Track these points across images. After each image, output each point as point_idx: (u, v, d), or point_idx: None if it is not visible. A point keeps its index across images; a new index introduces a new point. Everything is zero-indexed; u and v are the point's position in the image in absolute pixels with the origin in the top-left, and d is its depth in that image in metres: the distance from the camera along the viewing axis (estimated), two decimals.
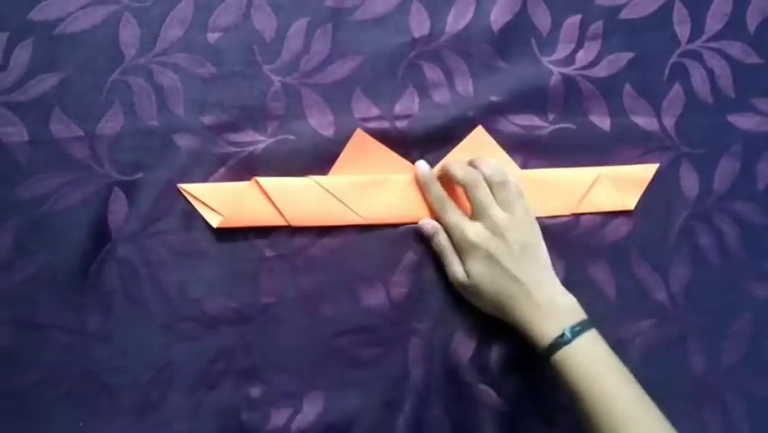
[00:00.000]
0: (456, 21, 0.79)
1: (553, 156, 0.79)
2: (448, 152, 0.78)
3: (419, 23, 0.79)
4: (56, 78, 0.73)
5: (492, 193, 0.71)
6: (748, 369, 0.78)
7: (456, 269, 0.72)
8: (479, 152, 0.76)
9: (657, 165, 0.79)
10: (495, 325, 0.73)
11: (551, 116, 0.79)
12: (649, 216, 0.79)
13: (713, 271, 0.80)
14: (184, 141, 0.74)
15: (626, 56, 0.81)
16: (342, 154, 0.76)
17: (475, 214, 0.71)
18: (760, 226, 0.81)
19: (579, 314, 0.67)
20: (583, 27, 0.81)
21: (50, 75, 0.73)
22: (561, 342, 0.64)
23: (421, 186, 0.76)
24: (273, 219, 0.74)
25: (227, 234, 0.74)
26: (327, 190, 0.74)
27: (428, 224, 0.75)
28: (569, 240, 0.78)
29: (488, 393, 0.74)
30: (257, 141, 0.75)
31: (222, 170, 0.75)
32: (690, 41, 0.82)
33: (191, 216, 0.74)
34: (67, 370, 0.72)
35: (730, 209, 0.80)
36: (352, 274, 0.75)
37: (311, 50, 0.77)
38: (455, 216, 0.72)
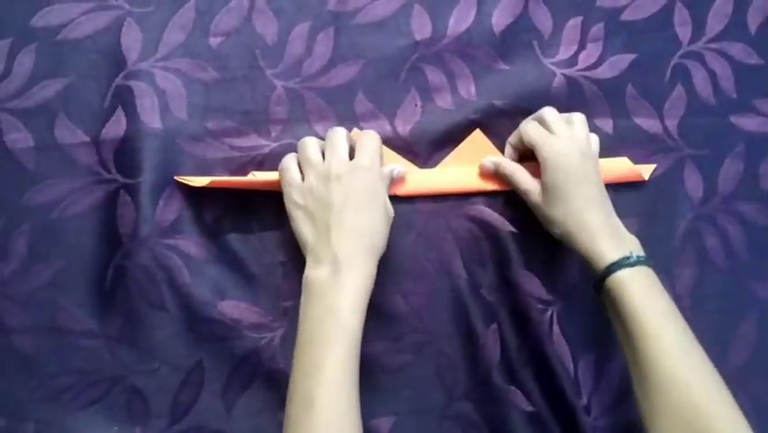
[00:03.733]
0: (458, 23, 0.79)
1: None
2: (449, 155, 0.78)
3: (421, 26, 0.79)
4: (59, 84, 0.73)
5: (572, 127, 0.73)
6: (755, 370, 0.78)
7: (531, 183, 0.73)
8: (477, 155, 0.77)
9: (654, 165, 0.80)
10: (519, 328, 0.75)
11: None
12: (653, 218, 0.79)
13: (718, 273, 0.80)
14: (188, 145, 0.74)
15: (628, 57, 0.81)
16: None
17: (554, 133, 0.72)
18: (764, 227, 0.81)
19: (642, 250, 0.68)
20: (585, 29, 0.81)
21: (53, 81, 0.73)
22: (625, 263, 0.65)
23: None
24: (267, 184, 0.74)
25: (239, 239, 0.75)
26: None
27: (487, 161, 0.76)
28: None
29: (516, 394, 0.75)
30: (261, 145, 0.76)
31: (226, 175, 0.75)
32: (691, 42, 0.82)
33: (198, 221, 0.74)
34: (96, 375, 0.72)
35: (735, 210, 0.80)
36: None
37: (313, 53, 0.77)
38: (541, 131, 0.72)
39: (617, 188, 0.78)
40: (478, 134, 0.78)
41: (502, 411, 0.75)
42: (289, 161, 0.69)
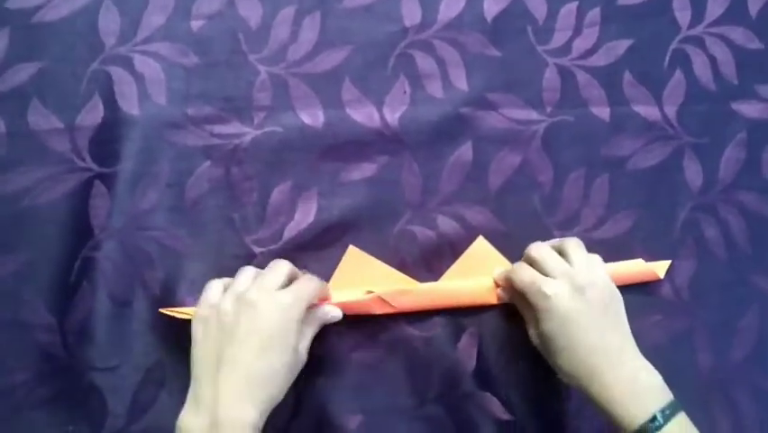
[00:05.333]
0: (449, 9, 0.77)
1: (551, 150, 0.77)
2: (439, 148, 0.76)
3: (410, 11, 0.77)
4: (34, 68, 0.72)
5: (568, 260, 0.66)
6: (756, 363, 0.75)
7: (532, 329, 0.67)
8: (481, 263, 0.74)
9: (669, 261, 0.76)
10: (498, 332, 0.73)
11: (548, 109, 0.77)
12: (652, 208, 0.77)
13: (719, 264, 0.77)
14: (168, 132, 0.73)
15: (625, 43, 0.79)
16: (337, 271, 0.72)
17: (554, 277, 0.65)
18: (766, 217, 0.78)
19: (667, 394, 0.61)
20: (580, 14, 0.79)
21: (27, 65, 0.72)
22: (652, 427, 0.58)
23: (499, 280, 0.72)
24: None
25: (214, 231, 0.73)
26: None
27: (500, 292, 0.72)
28: (570, 236, 0.75)
29: (491, 401, 0.72)
30: (243, 133, 0.74)
31: (207, 162, 0.73)
32: (690, 26, 0.80)
33: (177, 210, 0.72)
34: (53, 371, 0.70)
35: (735, 200, 0.78)
36: None
37: (299, 38, 0.75)
38: (530, 273, 0.66)
39: (613, 183, 0.77)
40: (481, 242, 0.74)
41: (475, 418, 0.72)
42: (215, 282, 0.64)
